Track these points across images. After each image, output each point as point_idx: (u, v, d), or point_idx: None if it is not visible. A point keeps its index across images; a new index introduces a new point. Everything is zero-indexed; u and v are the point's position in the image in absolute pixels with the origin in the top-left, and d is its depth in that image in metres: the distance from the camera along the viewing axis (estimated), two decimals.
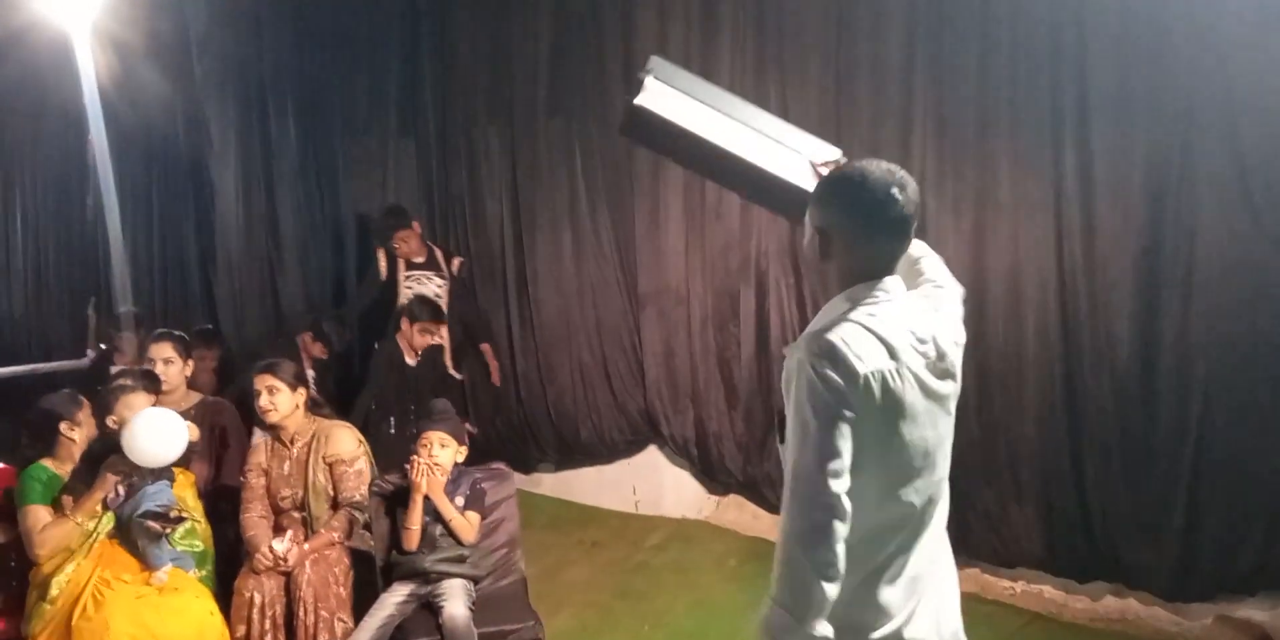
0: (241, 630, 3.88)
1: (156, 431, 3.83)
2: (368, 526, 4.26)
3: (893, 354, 1.95)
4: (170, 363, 4.74)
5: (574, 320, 6.20)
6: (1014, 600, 4.65)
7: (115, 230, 7.23)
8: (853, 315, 1.98)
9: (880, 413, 1.92)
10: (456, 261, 6.50)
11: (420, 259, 6.41)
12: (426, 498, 4.08)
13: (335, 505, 4.28)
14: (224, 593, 4.05)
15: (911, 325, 2.03)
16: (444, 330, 6.18)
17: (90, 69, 7.03)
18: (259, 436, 4.50)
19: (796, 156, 4.26)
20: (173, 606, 3.71)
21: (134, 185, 8.57)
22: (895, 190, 2.01)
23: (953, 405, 2.11)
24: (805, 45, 4.94)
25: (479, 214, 6.58)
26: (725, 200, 5.19)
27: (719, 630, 4.61)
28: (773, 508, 5.52)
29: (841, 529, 1.84)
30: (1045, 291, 4.32)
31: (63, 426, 4.01)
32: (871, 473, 1.93)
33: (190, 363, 4.87)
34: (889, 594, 2.04)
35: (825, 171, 3.61)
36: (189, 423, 4.16)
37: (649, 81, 2.71)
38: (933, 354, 2.03)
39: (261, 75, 7.51)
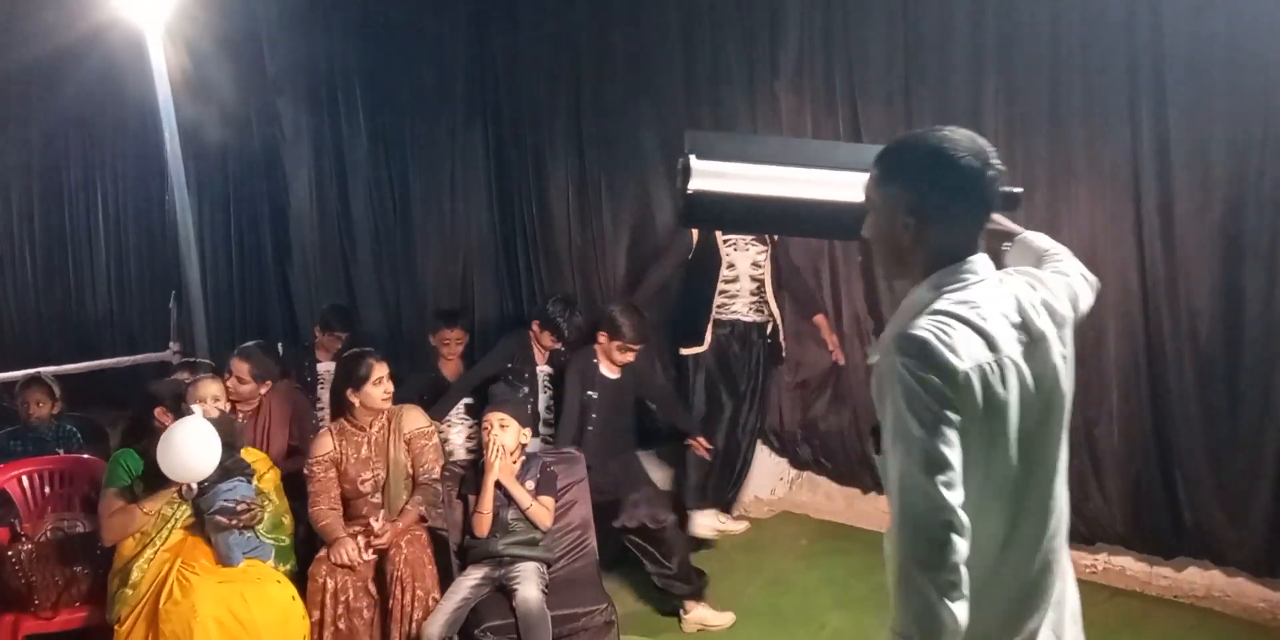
0: (315, 615, 3.93)
1: (186, 446, 3.81)
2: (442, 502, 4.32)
3: (992, 345, 1.76)
4: (243, 382, 4.77)
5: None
6: (1095, 577, 4.59)
7: (188, 226, 7.35)
8: (940, 304, 1.79)
9: (985, 412, 1.74)
10: None
11: None
12: (498, 483, 4.12)
13: (412, 483, 4.32)
14: (302, 578, 4.12)
15: (1005, 308, 1.83)
16: (775, 309, 5.36)
17: (164, 68, 7.14)
18: (324, 427, 4.48)
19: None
20: (256, 592, 3.78)
21: (210, 181, 8.74)
22: (991, 159, 1.83)
23: (1064, 399, 1.91)
24: (870, 37, 4.95)
25: (545, 205, 6.59)
26: None
27: (791, 610, 4.61)
28: (848, 482, 5.53)
29: (962, 545, 1.65)
30: (1125, 266, 4.24)
31: (156, 412, 4.11)
32: (980, 480, 1.75)
33: (267, 383, 4.86)
34: (1004, 613, 1.87)
35: None
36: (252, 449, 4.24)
37: (694, 163, 2.47)
38: (1026, 338, 1.83)
39: (331, 70, 7.62)
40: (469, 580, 4.03)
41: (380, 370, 4.25)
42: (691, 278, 5.40)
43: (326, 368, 5.92)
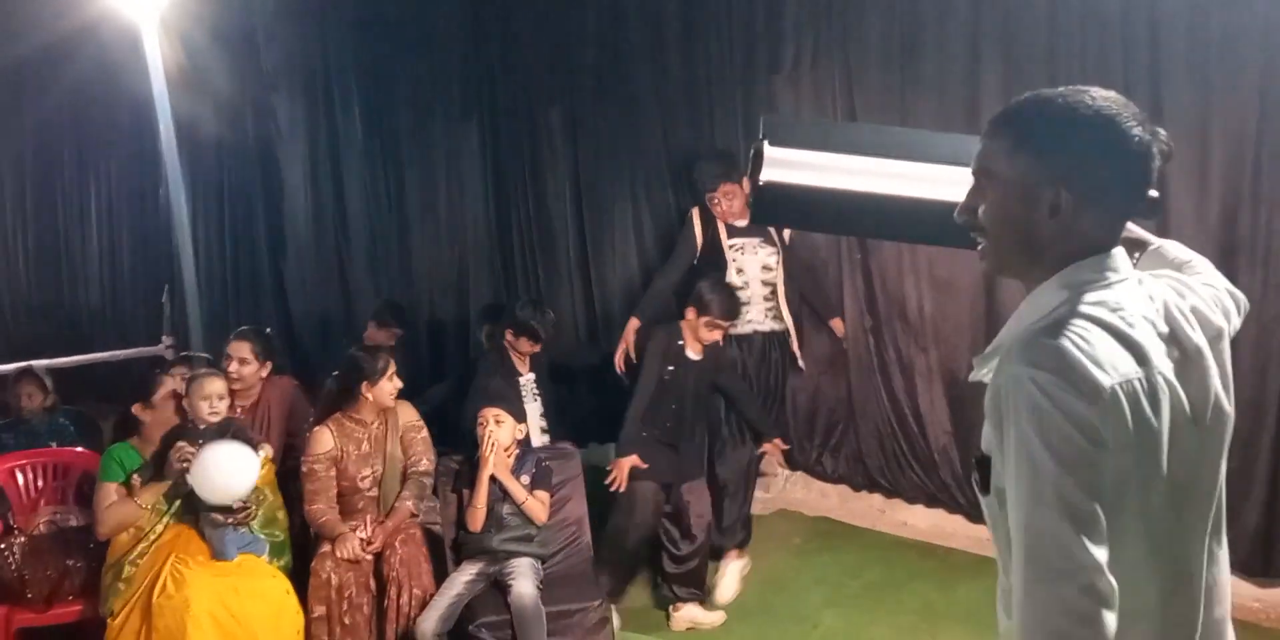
0: (320, 610, 3.94)
1: (225, 469, 3.84)
2: (435, 496, 4.32)
3: (1141, 357, 1.40)
4: (245, 363, 4.68)
5: (636, 301, 6.16)
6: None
7: (183, 219, 7.34)
8: (1076, 306, 1.44)
9: (1135, 441, 1.37)
10: None
11: (743, 222, 5.07)
12: (493, 478, 4.13)
13: (404, 476, 4.33)
14: (298, 574, 4.12)
15: (1151, 315, 1.49)
16: (788, 316, 5.16)
17: (159, 61, 7.13)
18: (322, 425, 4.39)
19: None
20: (251, 587, 3.79)
21: (204, 175, 8.72)
22: (1161, 133, 1.51)
23: (1225, 429, 1.56)
24: (868, 31, 4.94)
25: (540, 195, 6.56)
26: None
27: (783, 608, 4.61)
28: (838, 481, 5.53)
29: (1110, 620, 1.31)
30: None
31: (134, 408, 4.11)
32: (1125, 534, 1.38)
33: (268, 364, 4.79)
34: None
35: None
36: (265, 445, 4.23)
37: (768, 151, 2.16)
38: (1178, 354, 1.48)
39: (326, 64, 7.61)
40: (464, 576, 4.03)
41: (393, 366, 4.26)
42: (697, 280, 4.96)
43: None
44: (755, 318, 5.12)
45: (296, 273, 8.08)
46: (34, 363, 6.16)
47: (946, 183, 1.85)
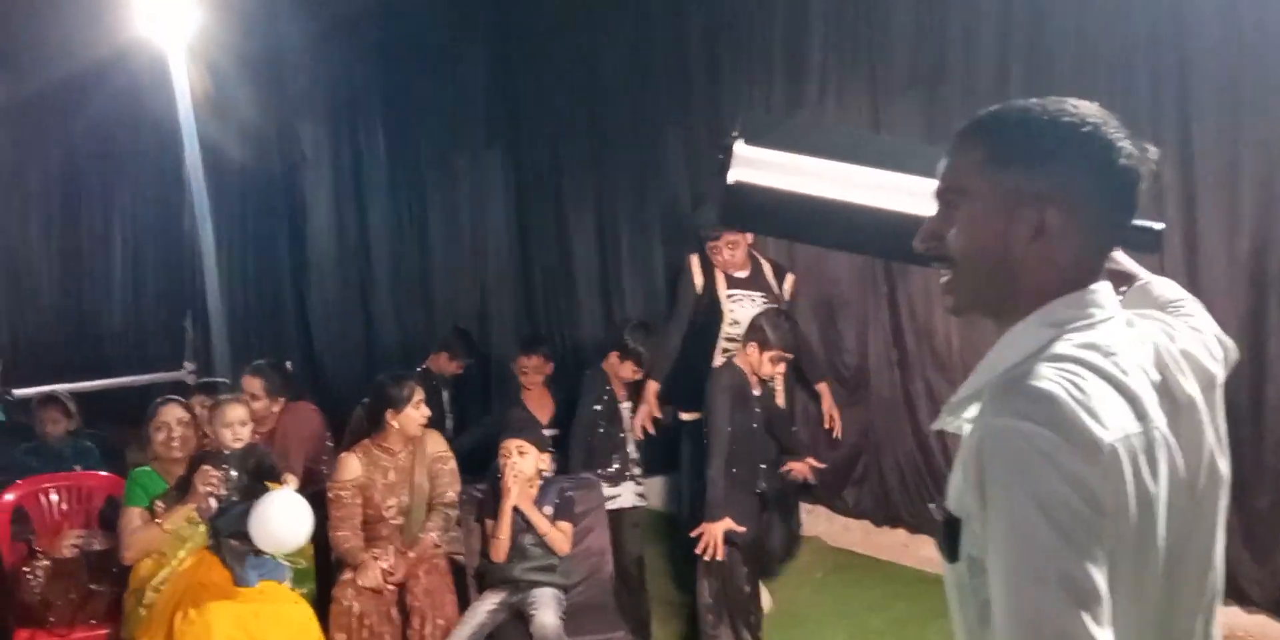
0: (341, 638, 3.93)
1: (284, 520, 3.83)
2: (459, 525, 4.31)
3: (1139, 411, 1.22)
4: (256, 398, 4.71)
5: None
6: None
7: (208, 245, 7.41)
8: (1061, 347, 1.26)
9: (1133, 508, 1.18)
10: (790, 279, 5.07)
11: (744, 274, 4.90)
12: (516, 508, 4.11)
13: (429, 506, 4.31)
14: (319, 601, 4.11)
15: (1143, 360, 1.31)
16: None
17: (186, 88, 7.23)
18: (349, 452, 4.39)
19: None
20: (273, 613, 3.77)
21: (229, 201, 8.79)
22: (1149, 154, 1.35)
23: (1220, 492, 1.38)
24: (894, 43, 4.92)
25: (562, 224, 6.58)
26: None
27: None
28: (860, 516, 5.49)
29: None
30: None
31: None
32: (1117, 607, 1.15)
33: (280, 399, 4.82)
34: None
35: None
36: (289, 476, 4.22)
37: (739, 149, 2.01)
38: (1170, 406, 1.29)
39: (352, 91, 7.71)
40: (485, 605, 4.01)
41: (420, 394, 4.26)
42: (691, 332, 4.95)
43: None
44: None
45: (319, 298, 8.13)
46: (57, 388, 6.18)
47: (928, 196, 1.62)
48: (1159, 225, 1.83)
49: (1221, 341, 1.54)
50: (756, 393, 4.44)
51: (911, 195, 1.86)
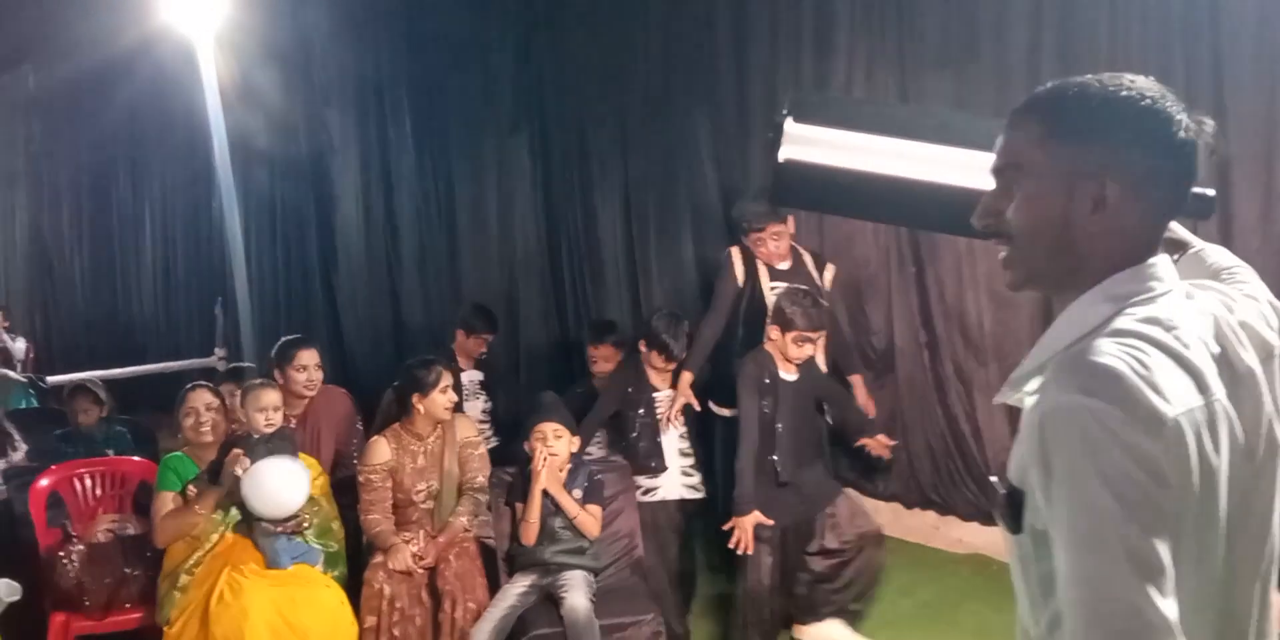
0: (371, 621, 3.94)
1: (276, 483, 3.89)
2: (488, 509, 4.32)
3: (1201, 384, 1.23)
4: (320, 368, 4.77)
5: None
6: None
7: (236, 233, 7.45)
8: (1123, 323, 1.26)
9: (1196, 480, 1.20)
10: (831, 270, 4.96)
11: (786, 265, 4.81)
12: (545, 491, 4.12)
13: (459, 491, 4.33)
14: (350, 584, 4.13)
15: (1203, 332, 1.31)
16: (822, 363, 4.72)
17: (213, 77, 7.27)
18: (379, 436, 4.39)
19: None
20: (307, 596, 3.80)
21: (257, 189, 8.84)
22: (1207, 126, 1.34)
23: (1275, 464, 1.37)
24: (927, 39, 4.89)
25: (591, 215, 6.58)
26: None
27: None
28: (890, 499, 5.47)
29: None
30: None
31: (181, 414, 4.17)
32: (1181, 577, 1.17)
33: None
34: None
35: None
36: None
37: (789, 127, 2.00)
38: (1230, 377, 1.30)
39: (379, 78, 7.71)
40: (516, 588, 4.02)
41: (448, 378, 4.26)
42: (733, 326, 4.81)
43: (472, 377, 5.56)
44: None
45: (347, 285, 8.16)
46: (88, 376, 6.24)
47: (982, 170, 1.61)
48: (1210, 191, 1.80)
49: (1276, 308, 1.53)
50: (791, 378, 4.27)
51: (967, 169, 1.84)
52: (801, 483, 4.27)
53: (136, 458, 4.85)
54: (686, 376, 4.70)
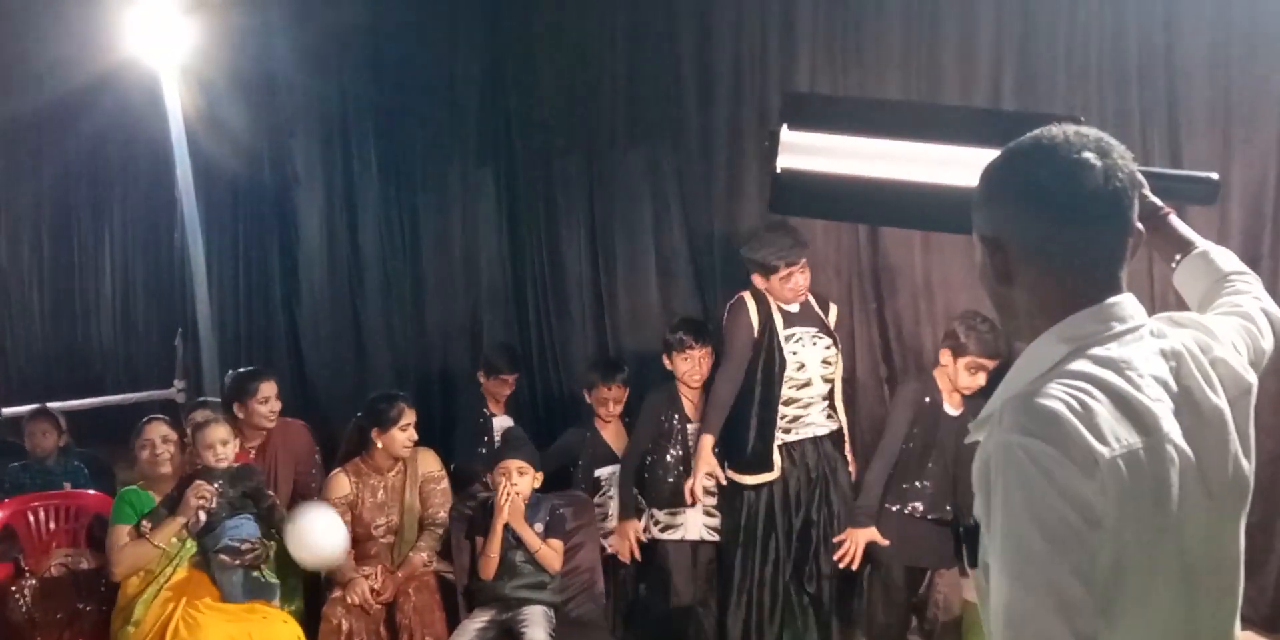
0: None
1: (320, 531, 3.89)
2: (446, 544, 4.28)
3: (1147, 425, 1.26)
4: (279, 398, 4.75)
5: (654, 357, 5.42)
6: None
7: (199, 263, 7.40)
8: (1075, 364, 1.29)
9: (1137, 518, 1.23)
10: (834, 310, 4.60)
11: (796, 307, 4.37)
12: (507, 526, 4.10)
13: (420, 525, 4.30)
14: (306, 619, 4.09)
15: (1160, 372, 1.32)
16: (843, 414, 4.52)
17: (177, 107, 7.26)
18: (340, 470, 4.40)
19: None
20: (264, 631, 3.77)
21: (220, 220, 8.78)
22: (1089, 154, 1.30)
23: (1242, 502, 1.39)
24: (884, 49, 4.90)
25: (555, 244, 6.55)
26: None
27: None
28: None
29: None
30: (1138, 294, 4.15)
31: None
32: (1125, 615, 1.24)
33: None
34: None
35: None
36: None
37: (785, 135, 1.95)
38: (1193, 417, 1.31)
39: (344, 110, 7.69)
40: (475, 623, 3.99)
41: (410, 416, 4.25)
42: (746, 382, 4.33)
43: (503, 423, 5.34)
44: (816, 420, 4.39)
45: (310, 317, 8.10)
46: (48, 404, 6.15)
47: (980, 166, 1.56)
48: (1213, 175, 1.79)
49: (1269, 315, 1.59)
50: (955, 413, 3.93)
51: (967, 167, 1.76)
52: (930, 531, 3.97)
53: (92, 491, 4.79)
54: (707, 440, 4.25)
